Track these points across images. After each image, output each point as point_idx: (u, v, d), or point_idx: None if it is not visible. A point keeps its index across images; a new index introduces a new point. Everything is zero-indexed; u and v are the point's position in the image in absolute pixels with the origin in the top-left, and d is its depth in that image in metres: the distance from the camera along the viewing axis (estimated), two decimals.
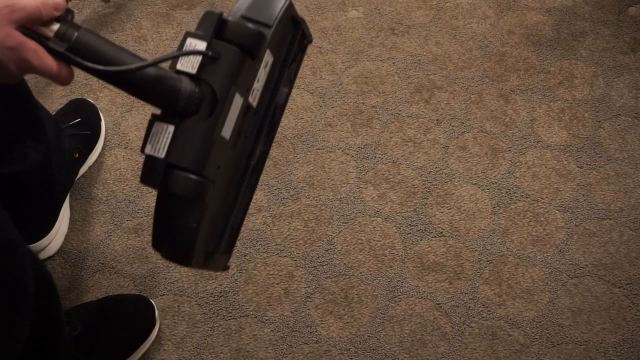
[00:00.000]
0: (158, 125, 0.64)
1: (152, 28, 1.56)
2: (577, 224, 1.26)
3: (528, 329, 1.15)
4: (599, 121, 1.39)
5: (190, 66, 0.64)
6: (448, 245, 1.24)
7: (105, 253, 1.24)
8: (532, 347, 1.13)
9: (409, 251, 1.23)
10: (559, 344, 1.13)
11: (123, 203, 1.30)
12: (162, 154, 0.63)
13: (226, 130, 0.66)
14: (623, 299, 1.17)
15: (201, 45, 0.64)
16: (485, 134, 1.37)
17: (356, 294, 1.19)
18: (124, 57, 0.64)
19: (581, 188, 1.30)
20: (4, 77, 0.64)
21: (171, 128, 0.63)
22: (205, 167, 0.64)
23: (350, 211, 1.28)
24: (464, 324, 1.15)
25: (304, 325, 1.16)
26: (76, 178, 1.31)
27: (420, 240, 1.24)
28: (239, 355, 1.13)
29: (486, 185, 1.31)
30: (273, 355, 1.13)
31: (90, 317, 1.10)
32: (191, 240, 0.65)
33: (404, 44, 1.52)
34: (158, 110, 0.66)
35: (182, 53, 0.64)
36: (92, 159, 1.34)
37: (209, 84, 0.64)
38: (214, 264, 0.73)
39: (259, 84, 0.70)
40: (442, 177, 1.32)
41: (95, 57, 0.63)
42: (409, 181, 1.31)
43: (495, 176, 1.32)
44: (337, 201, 1.29)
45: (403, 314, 1.17)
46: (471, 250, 1.23)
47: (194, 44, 0.64)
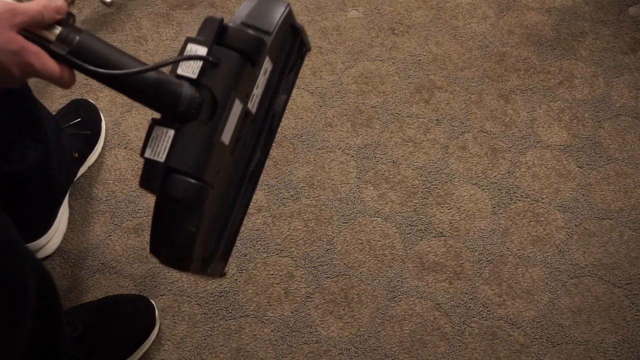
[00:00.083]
0: (158, 130, 0.64)
1: (152, 28, 1.56)
2: (577, 224, 1.26)
3: (528, 329, 1.15)
4: (599, 121, 1.39)
5: (190, 71, 0.64)
6: (448, 245, 1.24)
7: (105, 253, 1.24)
8: (532, 347, 1.13)
9: (409, 251, 1.23)
10: (559, 344, 1.13)
11: (123, 203, 1.30)
12: (162, 158, 0.63)
13: (226, 136, 0.66)
14: (623, 299, 1.17)
15: (202, 50, 0.64)
16: (485, 134, 1.37)
17: (356, 294, 1.19)
18: (125, 61, 0.64)
19: (581, 188, 1.30)
20: (6, 81, 0.64)
21: (171, 132, 0.63)
22: (205, 172, 0.64)
23: (350, 211, 1.28)
24: (464, 324, 1.16)
25: (304, 325, 1.16)
26: (76, 178, 1.31)
27: (420, 240, 1.24)
28: (239, 355, 1.13)
29: (486, 185, 1.31)
30: (273, 355, 1.13)
31: (91, 317, 1.10)
32: (189, 245, 0.65)
33: (404, 44, 1.52)
34: (158, 115, 0.66)
35: (183, 58, 0.64)
36: (92, 159, 1.34)
37: (210, 89, 0.64)
38: (212, 270, 0.73)
39: (258, 91, 0.71)
40: (442, 177, 1.32)
41: (97, 61, 0.63)
42: (409, 181, 1.31)
43: (495, 176, 1.32)
44: (337, 201, 1.29)
45: (403, 314, 1.17)
46: (471, 250, 1.23)
47: (195, 49, 0.64)
